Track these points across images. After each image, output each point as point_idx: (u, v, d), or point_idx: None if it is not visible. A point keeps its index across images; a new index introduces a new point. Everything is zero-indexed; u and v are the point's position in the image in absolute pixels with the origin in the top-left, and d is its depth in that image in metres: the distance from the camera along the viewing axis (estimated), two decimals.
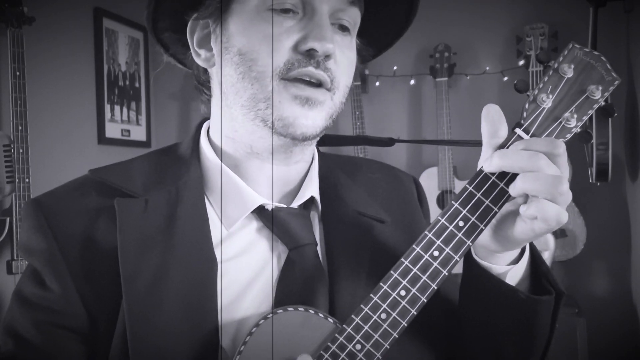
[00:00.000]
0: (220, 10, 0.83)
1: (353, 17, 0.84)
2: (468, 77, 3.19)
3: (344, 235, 0.87)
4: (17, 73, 2.38)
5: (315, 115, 0.80)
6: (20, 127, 2.39)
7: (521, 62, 2.90)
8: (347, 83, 0.85)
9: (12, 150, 2.38)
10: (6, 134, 2.43)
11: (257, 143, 0.84)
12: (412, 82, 3.29)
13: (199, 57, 0.88)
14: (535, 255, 0.82)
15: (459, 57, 3.14)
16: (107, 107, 3.29)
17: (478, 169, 0.75)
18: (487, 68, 3.13)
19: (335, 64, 0.81)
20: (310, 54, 0.79)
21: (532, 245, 0.82)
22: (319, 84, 0.80)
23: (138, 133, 3.52)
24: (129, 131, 3.44)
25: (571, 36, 2.20)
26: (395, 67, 3.28)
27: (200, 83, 0.91)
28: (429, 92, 3.27)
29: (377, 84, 3.31)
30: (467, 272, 0.82)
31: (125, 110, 3.43)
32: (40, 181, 2.46)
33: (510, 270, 0.79)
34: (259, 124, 0.81)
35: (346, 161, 1.00)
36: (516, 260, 0.80)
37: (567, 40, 1.53)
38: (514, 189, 0.71)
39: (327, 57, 0.80)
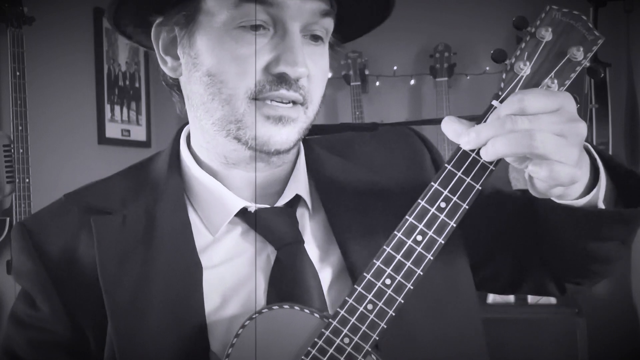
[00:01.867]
0: (187, 21, 0.80)
1: (326, 26, 0.81)
2: (468, 77, 3.19)
3: (351, 221, 0.84)
4: (17, 73, 2.37)
5: (288, 132, 0.79)
6: (20, 127, 2.38)
7: None
8: (321, 94, 0.83)
9: (12, 150, 2.38)
10: (6, 134, 2.43)
11: (231, 155, 0.83)
12: (412, 82, 3.29)
13: (166, 64, 0.85)
14: (608, 160, 0.76)
15: (459, 57, 3.14)
16: (107, 107, 3.28)
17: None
18: (487, 68, 3.13)
19: (308, 81, 0.79)
20: (281, 77, 0.76)
21: (601, 152, 0.76)
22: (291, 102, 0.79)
23: (138, 133, 3.52)
24: (129, 131, 3.43)
25: None
26: (395, 67, 3.27)
27: (169, 86, 0.90)
28: (429, 92, 3.27)
29: (377, 84, 3.31)
30: (554, 216, 0.78)
31: (125, 110, 3.42)
32: (40, 181, 2.46)
33: (600, 192, 0.74)
34: (232, 140, 0.80)
35: (336, 141, 0.95)
36: (592, 179, 0.74)
37: None
38: (486, 154, 0.67)
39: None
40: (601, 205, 0.74)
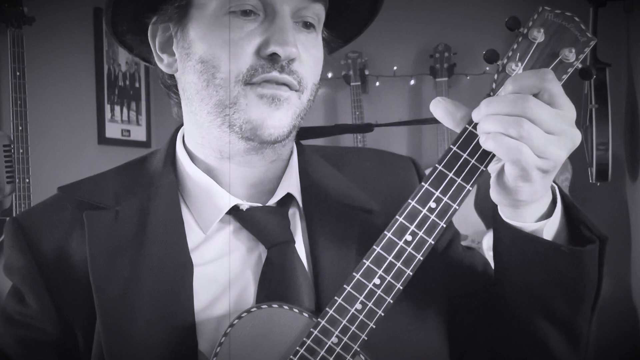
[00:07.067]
0: (180, 15, 0.81)
1: (317, 12, 0.81)
2: (468, 77, 3.19)
3: (327, 229, 0.84)
4: (17, 73, 2.38)
5: (281, 116, 0.79)
6: (20, 127, 2.39)
7: None
8: (315, 81, 0.83)
9: (12, 150, 2.38)
10: (6, 134, 2.43)
11: (225, 148, 0.83)
12: (412, 82, 3.29)
13: (162, 62, 0.86)
14: (569, 205, 0.77)
15: (459, 57, 3.14)
16: (107, 107, 3.28)
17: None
18: (487, 68, 3.12)
19: (300, 65, 0.79)
20: (273, 59, 0.77)
21: (564, 195, 0.77)
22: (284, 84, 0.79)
23: (138, 133, 3.52)
24: (129, 131, 3.44)
25: None
26: (395, 67, 3.28)
27: (167, 87, 0.90)
28: (429, 92, 3.27)
29: (377, 84, 3.31)
30: (500, 237, 0.78)
31: (125, 110, 3.43)
32: (40, 181, 2.46)
33: (546, 226, 0.74)
34: (226, 129, 0.80)
35: (333, 152, 0.96)
36: (547, 214, 0.75)
37: None
38: (481, 129, 0.68)
39: (292, 60, 0.78)
40: (545, 237, 0.74)
